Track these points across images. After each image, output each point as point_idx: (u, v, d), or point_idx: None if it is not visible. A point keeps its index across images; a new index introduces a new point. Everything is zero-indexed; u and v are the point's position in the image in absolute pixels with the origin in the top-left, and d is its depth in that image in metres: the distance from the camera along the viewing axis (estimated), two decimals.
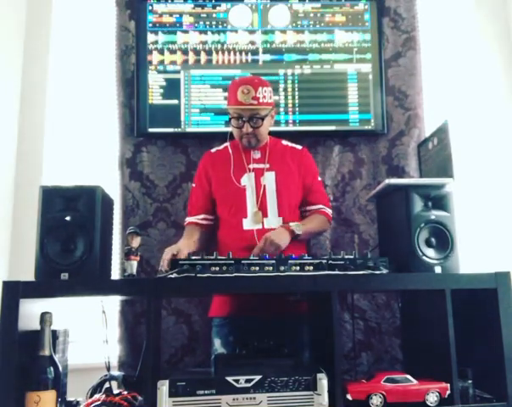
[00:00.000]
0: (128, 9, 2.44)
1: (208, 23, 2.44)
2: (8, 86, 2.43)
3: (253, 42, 2.44)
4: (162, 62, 2.41)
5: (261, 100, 1.91)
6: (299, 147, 2.12)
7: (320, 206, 2.05)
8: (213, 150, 2.11)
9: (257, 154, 2.02)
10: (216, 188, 2.01)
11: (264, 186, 1.96)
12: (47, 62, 2.53)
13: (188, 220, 2.05)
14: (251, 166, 1.99)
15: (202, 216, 2.02)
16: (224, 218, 1.99)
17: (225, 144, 2.10)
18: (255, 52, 2.44)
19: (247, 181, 1.97)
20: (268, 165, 2.00)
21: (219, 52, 2.42)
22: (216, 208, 2.03)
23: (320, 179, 2.13)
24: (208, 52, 2.42)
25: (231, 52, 2.43)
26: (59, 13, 2.60)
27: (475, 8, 2.75)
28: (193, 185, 2.09)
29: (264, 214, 1.93)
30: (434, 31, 2.70)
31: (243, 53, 2.43)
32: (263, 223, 1.92)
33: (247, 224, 1.92)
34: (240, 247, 1.81)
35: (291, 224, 1.87)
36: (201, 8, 2.45)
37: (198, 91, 2.40)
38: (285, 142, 2.11)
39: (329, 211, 2.08)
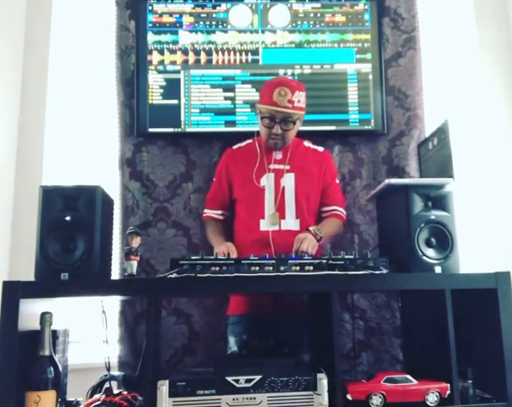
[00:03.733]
0: (128, 9, 2.44)
1: (208, 23, 2.44)
2: (8, 85, 2.43)
3: (253, 42, 2.44)
4: (162, 62, 2.40)
5: (295, 104, 1.90)
6: (321, 149, 2.13)
7: (334, 207, 2.07)
8: (235, 147, 2.11)
9: (278, 155, 2.02)
10: (236, 188, 2.02)
11: (283, 187, 1.97)
12: (47, 61, 2.52)
13: (208, 212, 2.10)
14: (271, 167, 2.00)
15: (220, 212, 2.08)
16: (241, 217, 2.01)
17: (248, 141, 2.11)
18: (255, 52, 2.44)
19: (267, 181, 1.97)
20: (288, 167, 2.00)
21: (220, 52, 2.42)
22: (235, 206, 2.05)
23: (337, 181, 2.14)
24: (208, 53, 2.42)
25: (231, 52, 2.43)
26: (59, 13, 2.60)
27: (474, 7, 2.75)
28: (214, 180, 2.13)
29: (282, 216, 1.93)
30: (434, 31, 2.69)
31: (243, 53, 2.43)
32: (280, 224, 1.93)
33: (264, 225, 1.93)
34: (256, 248, 1.81)
35: (311, 228, 1.87)
36: (201, 8, 2.45)
37: (198, 91, 2.40)
38: (307, 144, 2.12)
39: (343, 212, 2.09)
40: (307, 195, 1.99)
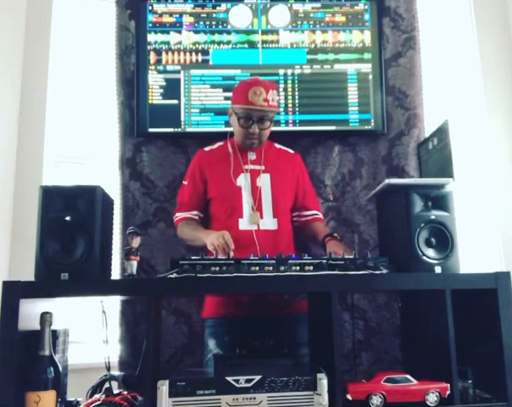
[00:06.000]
0: (128, 9, 2.44)
1: (208, 23, 2.44)
2: (8, 85, 2.43)
3: (253, 42, 2.44)
4: (162, 62, 2.40)
5: (271, 103, 1.93)
6: (291, 151, 2.17)
7: (316, 212, 2.13)
8: (206, 148, 2.12)
9: (253, 156, 2.04)
10: (212, 187, 2.02)
11: (260, 187, 1.99)
12: (47, 61, 2.52)
13: (181, 215, 2.05)
14: (247, 167, 2.02)
15: (195, 212, 2.04)
16: (218, 217, 2.00)
17: (219, 143, 2.12)
18: (255, 53, 2.44)
19: (244, 181, 1.99)
20: (263, 167, 2.02)
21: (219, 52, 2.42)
22: (209, 206, 2.04)
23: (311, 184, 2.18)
24: (208, 52, 2.42)
25: (231, 52, 2.42)
26: (59, 13, 2.60)
27: (474, 7, 2.75)
28: (185, 182, 2.09)
29: (260, 216, 1.95)
30: (434, 31, 2.70)
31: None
32: (258, 224, 1.94)
33: (243, 224, 1.94)
34: (236, 246, 1.80)
35: (335, 234, 1.95)
36: (201, 8, 2.45)
37: (198, 91, 2.40)
38: (278, 146, 2.15)
39: (322, 216, 2.16)
40: (282, 195, 2.02)
